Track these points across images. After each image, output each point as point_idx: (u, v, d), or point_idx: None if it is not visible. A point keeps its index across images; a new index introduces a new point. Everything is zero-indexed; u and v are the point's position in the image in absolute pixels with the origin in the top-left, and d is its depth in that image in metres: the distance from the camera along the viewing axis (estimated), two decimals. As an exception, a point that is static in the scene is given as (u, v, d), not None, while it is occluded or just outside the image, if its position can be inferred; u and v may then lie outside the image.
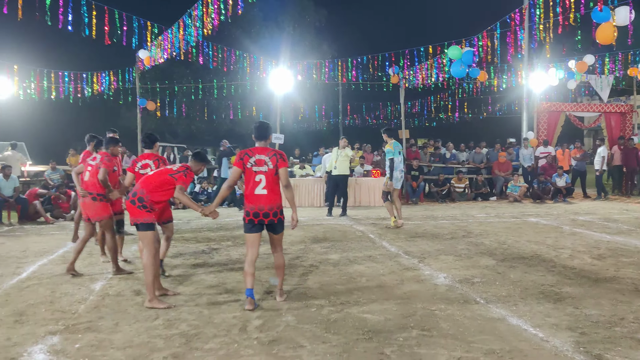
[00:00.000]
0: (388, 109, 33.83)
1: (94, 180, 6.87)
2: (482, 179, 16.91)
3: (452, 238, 9.37)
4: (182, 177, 5.55)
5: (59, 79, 18.63)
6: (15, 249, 8.74)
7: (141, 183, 5.62)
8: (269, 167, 5.31)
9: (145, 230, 5.45)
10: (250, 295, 5.28)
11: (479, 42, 15.06)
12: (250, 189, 5.32)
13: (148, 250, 5.43)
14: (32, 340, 4.49)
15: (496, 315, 4.97)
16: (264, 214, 5.27)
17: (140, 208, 5.43)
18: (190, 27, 13.66)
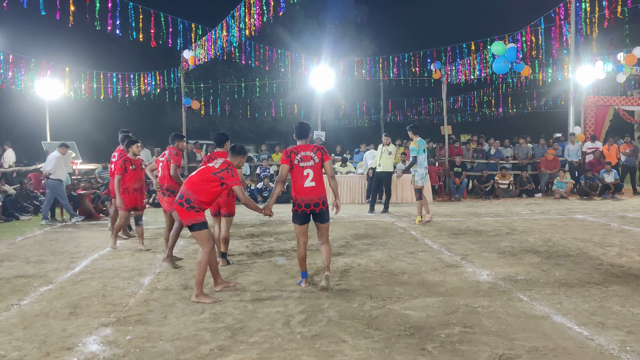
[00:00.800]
0: (430, 105, 33.51)
1: (165, 173, 7.45)
2: (527, 175, 16.60)
3: (495, 235, 9.28)
4: (228, 175, 5.57)
5: (108, 80, 19.25)
6: (69, 245, 9.10)
7: (186, 184, 5.66)
8: (315, 162, 5.81)
9: (199, 230, 5.54)
10: (305, 277, 6.00)
11: (523, 38, 14.78)
12: (299, 183, 5.76)
13: (204, 248, 5.56)
14: (86, 332, 4.70)
15: (540, 313, 4.93)
16: (314, 204, 5.76)
17: (189, 209, 5.50)
18: (234, 28, 13.90)
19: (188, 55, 16.54)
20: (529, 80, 22.91)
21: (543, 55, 16.80)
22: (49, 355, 4.18)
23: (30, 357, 4.13)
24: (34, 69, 17.30)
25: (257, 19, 12.81)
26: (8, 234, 10.48)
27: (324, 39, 29.45)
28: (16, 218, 12.63)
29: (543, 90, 28.47)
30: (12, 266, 7.47)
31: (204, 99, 24.98)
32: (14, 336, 4.61)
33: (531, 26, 14.86)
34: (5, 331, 4.74)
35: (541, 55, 16.25)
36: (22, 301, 5.69)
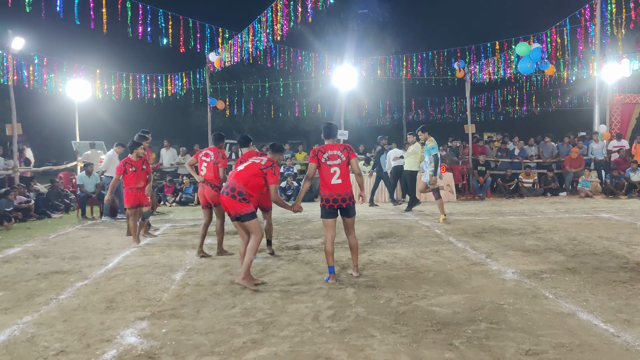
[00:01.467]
0: (453, 104, 33.38)
1: (210, 173, 7.80)
2: (551, 174, 16.50)
3: (520, 234, 9.30)
4: (271, 173, 6.07)
5: (137, 81, 19.63)
6: (100, 242, 9.36)
7: (235, 178, 6.06)
8: (342, 160, 6.19)
9: (250, 219, 5.99)
10: (332, 272, 6.23)
11: (548, 38, 14.70)
12: (326, 180, 6.14)
13: (255, 236, 5.99)
14: (123, 325, 4.89)
15: (566, 310, 4.99)
16: (342, 199, 6.12)
17: (242, 201, 5.94)
18: (260, 33, 14.11)
19: (214, 58, 16.79)
20: (554, 79, 22.71)
21: (568, 55, 16.68)
22: (90, 346, 4.37)
23: (72, 349, 4.33)
24: (66, 72, 17.72)
25: (285, 24, 12.99)
26: (41, 232, 10.80)
27: (347, 37, 29.52)
28: (48, 216, 12.97)
29: (568, 88, 28.17)
30: (48, 262, 7.73)
31: (228, 99, 25.27)
32: (55, 329, 4.81)
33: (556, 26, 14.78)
34: (47, 324, 4.95)
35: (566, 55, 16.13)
36: (60, 295, 5.92)
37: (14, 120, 14.65)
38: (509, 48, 16.73)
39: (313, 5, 12.42)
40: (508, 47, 16.74)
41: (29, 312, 5.34)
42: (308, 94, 28.19)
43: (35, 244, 9.35)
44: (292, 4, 12.89)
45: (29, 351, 4.30)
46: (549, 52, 14.93)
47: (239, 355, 4.11)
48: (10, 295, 5.96)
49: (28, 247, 9.05)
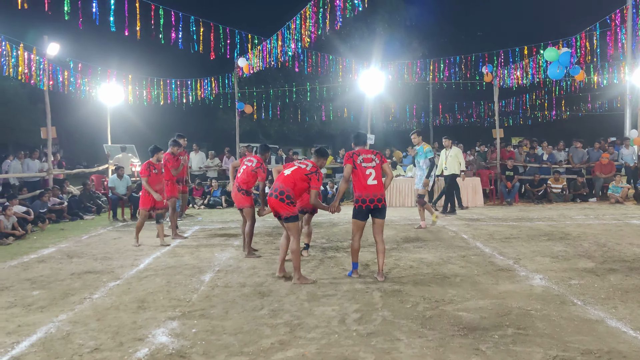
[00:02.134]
0: (481, 108, 33.12)
1: (244, 176, 8.06)
2: (582, 180, 16.26)
3: (548, 240, 9.22)
4: (315, 179, 6.42)
5: (167, 86, 19.99)
6: (131, 243, 9.56)
7: (282, 182, 6.41)
8: (377, 162, 6.54)
9: (293, 221, 6.37)
10: (356, 267, 6.68)
11: (577, 43, 14.54)
12: (362, 181, 6.41)
13: (295, 238, 6.37)
14: (154, 324, 5.02)
15: (594, 317, 4.96)
16: (377, 199, 6.40)
17: (290, 204, 6.32)
18: (289, 40, 14.27)
19: (242, 63, 17.00)
20: (584, 83, 22.39)
21: (598, 60, 16.46)
22: (123, 345, 4.50)
23: (106, 347, 4.46)
24: (99, 77, 18.14)
25: (313, 31, 13.11)
26: (74, 233, 11.08)
27: (373, 42, 29.52)
28: (80, 217, 13.28)
29: (598, 92, 27.74)
30: (81, 262, 7.94)
31: (256, 103, 25.52)
32: (89, 327, 4.96)
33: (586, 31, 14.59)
34: (81, 322, 5.10)
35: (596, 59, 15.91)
36: (94, 295, 6.08)
37: (48, 124, 15.04)
38: (537, 53, 16.57)
39: (342, 13, 12.51)
40: (537, 51, 16.58)
41: (64, 310, 5.50)
42: (334, 98, 28.28)
43: (69, 245, 9.60)
44: (321, 11, 13.01)
45: (64, 348, 4.44)
46: (578, 57, 14.75)
47: (267, 356, 4.20)
48: (45, 294, 6.16)
49: (62, 248, 9.30)
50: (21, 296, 6.09)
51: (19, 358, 4.26)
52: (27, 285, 6.62)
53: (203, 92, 20.63)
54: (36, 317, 5.28)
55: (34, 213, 11.57)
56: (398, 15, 33.47)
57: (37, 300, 5.90)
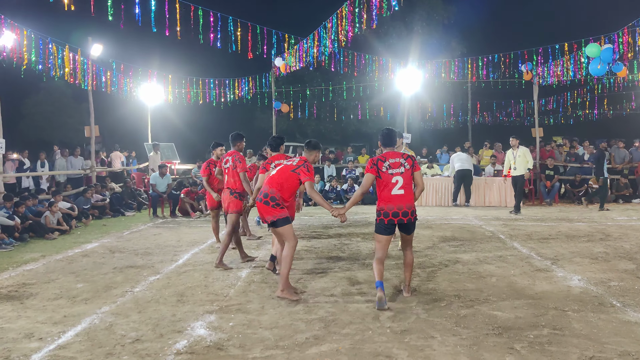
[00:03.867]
0: (520, 106, 32.55)
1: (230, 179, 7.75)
2: (624, 180, 15.85)
3: (588, 241, 9.05)
4: (304, 171, 5.76)
5: (206, 85, 20.35)
6: (171, 239, 9.80)
7: (268, 183, 5.87)
8: (406, 168, 5.49)
9: (283, 225, 5.74)
10: (380, 286, 5.44)
11: (620, 39, 14.16)
12: (386, 191, 5.45)
13: (289, 243, 5.75)
14: (193, 317, 5.16)
15: (633, 319, 4.88)
16: (403, 213, 5.41)
17: (275, 207, 5.72)
18: (325, 39, 14.35)
19: (279, 63, 17.17)
20: (626, 81, 21.77)
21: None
22: (163, 336, 4.65)
23: (147, 338, 4.61)
24: (140, 77, 18.59)
25: (350, 30, 13.16)
26: (116, 228, 11.40)
27: (411, 40, 29.33)
28: (122, 214, 13.64)
29: (642, 91, 26.95)
30: (123, 257, 8.19)
31: (292, 102, 25.70)
32: (131, 319, 5.13)
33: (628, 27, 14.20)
34: (123, 314, 5.28)
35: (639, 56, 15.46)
36: (135, 288, 6.28)
37: (92, 123, 15.49)
38: (578, 49, 16.21)
39: (378, 12, 12.51)
40: (578, 48, 16.22)
41: (106, 302, 5.71)
42: (371, 97, 28.22)
43: (111, 240, 9.89)
44: (358, 10, 13.05)
45: (107, 338, 4.62)
46: (621, 53, 14.36)
47: (302, 350, 4.28)
48: (89, 287, 6.38)
49: (104, 243, 9.59)
50: (66, 288, 6.33)
51: (65, 347, 4.44)
52: (72, 278, 6.87)
53: (241, 92, 20.92)
54: (81, 309, 5.49)
55: (77, 209, 11.95)
56: (436, 14, 33.12)
57: (81, 293, 6.12)
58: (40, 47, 12.83)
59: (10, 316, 5.27)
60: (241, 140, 8.02)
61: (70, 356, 4.24)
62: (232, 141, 7.94)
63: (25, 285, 6.52)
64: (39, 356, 4.25)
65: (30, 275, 7.06)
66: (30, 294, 6.11)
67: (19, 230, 9.77)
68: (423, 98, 26.92)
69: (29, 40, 12.42)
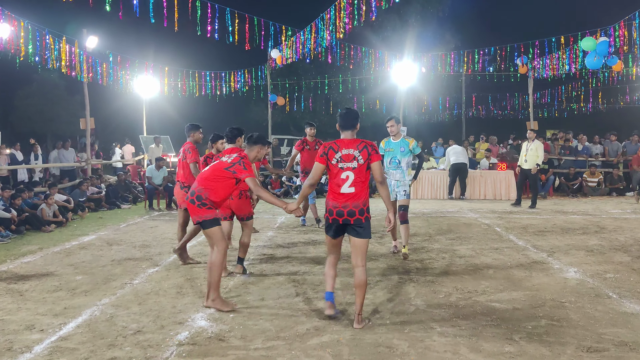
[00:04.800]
0: (515, 100, 32.64)
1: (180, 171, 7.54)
2: (618, 173, 15.96)
3: (583, 233, 9.13)
4: (240, 169, 5.12)
5: (202, 78, 20.31)
6: (168, 232, 9.80)
7: (198, 180, 5.30)
8: (359, 163, 4.65)
9: (210, 227, 5.13)
10: (329, 299, 4.83)
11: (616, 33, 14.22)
12: (334, 187, 4.72)
13: (217, 247, 5.16)
14: (193, 309, 5.19)
15: (630, 310, 4.94)
16: (349, 212, 4.63)
17: (200, 206, 5.12)
18: (323, 31, 14.35)
19: (276, 55, 17.15)
20: (621, 75, 21.87)
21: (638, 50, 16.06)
22: (164, 327, 4.67)
23: (148, 329, 4.64)
24: (137, 69, 18.52)
25: (348, 22, 13.16)
26: (113, 221, 11.39)
27: (406, 33, 29.32)
28: (118, 206, 13.62)
29: (637, 84, 27.06)
30: (121, 250, 8.19)
31: (288, 95, 25.69)
32: (131, 310, 5.16)
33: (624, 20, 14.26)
34: (123, 306, 5.30)
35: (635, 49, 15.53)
36: (134, 280, 6.30)
37: (87, 115, 15.43)
38: (574, 43, 16.26)
39: (378, 5, 12.52)
40: (574, 42, 16.27)
41: (106, 294, 5.72)
42: (367, 90, 28.25)
43: (108, 233, 9.89)
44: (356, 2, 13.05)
45: (109, 330, 4.64)
46: (617, 47, 14.42)
47: (303, 341, 4.31)
48: (88, 279, 6.39)
49: (101, 235, 9.59)
50: (65, 280, 6.34)
51: (66, 338, 4.46)
52: (71, 270, 6.88)
53: (236, 84, 20.88)
54: (81, 301, 5.51)
55: (73, 202, 11.93)
56: (431, 6, 33.11)
57: (80, 285, 6.13)
58: (37, 38, 12.76)
59: (10, 308, 5.28)
60: (196, 130, 7.54)
61: (73, 347, 4.26)
62: (187, 132, 7.50)
63: (24, 277, 6.53)
64: (41, 347, 4.27)
65: (29, 268, 7.06)
66: (30, 286, 6.11)
67: (16, 222, 9.75)
68: (419, 91, 26.97)
69: (26, 32, 12.35)
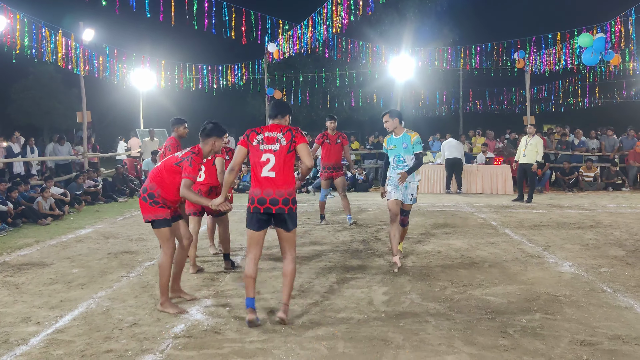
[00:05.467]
0: (512, 95, 32.65)
1: None
2: (615, 168, 15.99)
3: (579, 228, 9.16)
4: (187, 166, 4.76)
5: (199, 71, 20.27)
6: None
7: (150, 177, 4.99)
8: (282, 145, 4.46)
9: (159, 227, 4.88)
10: (250, 306, 4.51)
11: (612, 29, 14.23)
12: (256, 172, 4.50)
13: (164, 249, 4.93)
14: (189, 302, 5.20)
15: (623, 304, 4.97)
16: (271, 201, 4.41)
17: (152, 204, 4.86)
18: (320, 25, 14.33)
19: (273, 49, 17.13)
20: (618, 70, 21.89)
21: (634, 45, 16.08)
22: (160, 320, 4.68)
23: (144, 322, 4.65)
24: (134, 62, 18.46)
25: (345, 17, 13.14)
26: (109, 214, 11.39)
27: (403, 27, 29.26)
28: (114, 200, 13.61)
29: (633, 79, 27.09)
30: (117, 243, 8.20)
31: (285, 89, 25.66)
32: (127, 303, 5.17)
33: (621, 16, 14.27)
34: (119, 299, 5.31)
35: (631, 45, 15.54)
36: (130, 274, 6.31)
37: (84, 108, 15.40)
38: (571, 38, 16.27)
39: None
40: (570, 37, 16.28)
41: (102, 287, 5.73)
42: (364, 84, 28.18)
43: (104, 226, 9.89)
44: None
45: (105, 322, 4.65)
46: (613, 43, 14.43)
47: (299, 333, 4.33)
48: (84, 272, 6.40)
49: (98, 229, 9.59)
50: (62, 273, 6.35)
51: (62, 330, 4.47)
52: (67, 263, 6.89)
53: (233, 78, 20.84)
54: (77, 293, 5.52)
55: (70, 195, 11.92)
56: (429, 1, 33.05)
57: (77, 278, 6.14)
58: (33, 31, 12.70)
59: (6, 301, 5.29)
60: (181, 124, 7.08)
61: (69, 340, 4.27)
62: (172, 126, 7.10)
63: (20, 270, 6.53)
64: (37, 340, 4.28)
65: (25, 261, 7.07)
66: (26, 278, 6.12)
67: (12, 215, 9.74)
68: (416, 85, 26.95)
69: (22, 25, 12.29)
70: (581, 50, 13.68)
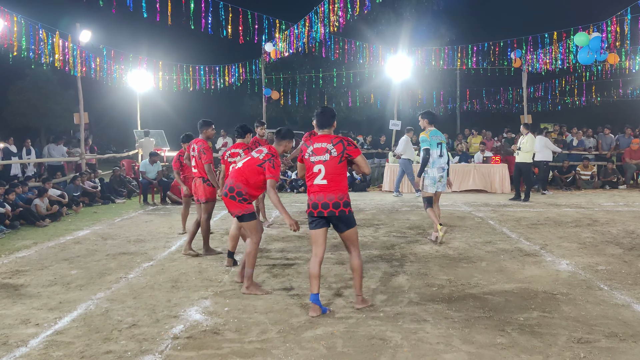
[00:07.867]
0: (509, 94, 32.69)
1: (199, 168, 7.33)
2: (612, 167, 16.04)
3: (576, 226, 9.19)
4: (270, 167, 5.27)
5: (196, 72, 20.25)
6: (163, 226, 9.82)
7: (233, 177, 5.49)
8: (332, 156, 4.75)
9: (249, 220, 5.46)
10: (315, 302, 4.81)
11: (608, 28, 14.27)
12: (310, 180, 4.87)
13: (253, 238, 5.50)
14: (188, 303, 5.22)
15: (620, 302, 5.00)
16: (323, 205, 4.73)
17: (242, 201, 5.41)
18: (317, 25, 14.35)
19: (270, 48, 17.13)
20: (615, 68, 21.93)
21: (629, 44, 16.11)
22: (159, 321, 4.70)
23: (143, 323, 4.66)
24: (131, 63, 18.43)
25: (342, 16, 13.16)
26: (107, 215, 11.38)
27: (400, 27, 29.29)
28: (112, 201, 13.60)
29: (630, 78, 27.15)
30: (115, 244, 8.20)
31: (282, 89, 25.65)
32: (126, 304, 5.18)
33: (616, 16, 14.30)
34: (118, 300, 5.32)
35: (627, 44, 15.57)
36: (129, 275, 6.31)
37: (81, 110, 15.38)
38: (567, 38, 16.30)
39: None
40: (567, 37, 16.32)
41: (101, 289, 5.74)
42: (361, 84, 28.19)
43: (102, 227, 9.89)
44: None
45: (104, 323, 4.66)
46: (609, 42, 14.47)
47: (297, 334, 4.35)
48: (83, 274, 6.41)
49: (96, 230, 9.59)
50: (60, 275, 6.35)
51: (62, 332, 4.48)
52: (65, 265, 6.89)
53: (231, 78, 20.83)
54: (76, 295, 5.53)
55: (67, 196, 11.91)
56: (425, 0, 33.10)
57: (75, 279, 6.15)
58: (30, 33, 12.68)
59: (5, 303, 5.30)
60: (209, 127, 7.45)
61: (68, 341, 4.28)
62: (200, 128, 7.41)
63: (18, 272, 6.53)
64: (37, 341, 4.29)
65: (23, 262, 7.07)
66: (25, 280, 6.13)
67: (10, 217, 9.74)
68: (413, 85, 26.96)
69: (19, 26, 12.27)
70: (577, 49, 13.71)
